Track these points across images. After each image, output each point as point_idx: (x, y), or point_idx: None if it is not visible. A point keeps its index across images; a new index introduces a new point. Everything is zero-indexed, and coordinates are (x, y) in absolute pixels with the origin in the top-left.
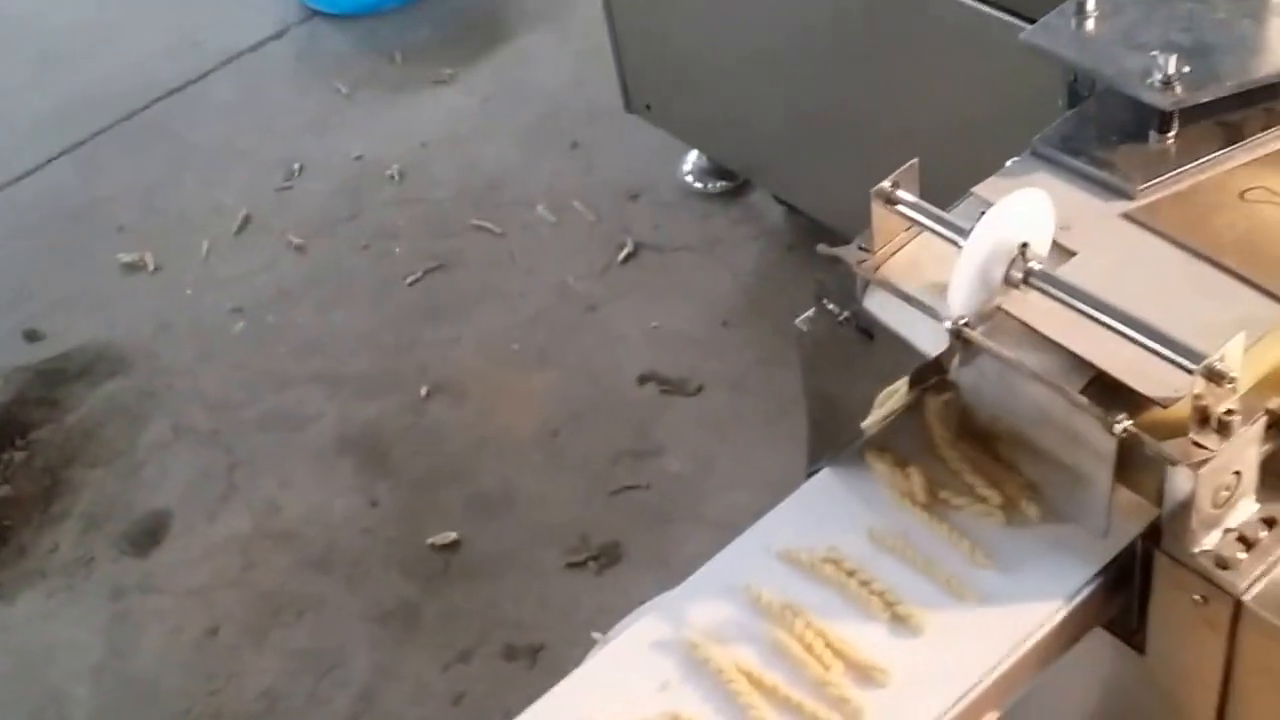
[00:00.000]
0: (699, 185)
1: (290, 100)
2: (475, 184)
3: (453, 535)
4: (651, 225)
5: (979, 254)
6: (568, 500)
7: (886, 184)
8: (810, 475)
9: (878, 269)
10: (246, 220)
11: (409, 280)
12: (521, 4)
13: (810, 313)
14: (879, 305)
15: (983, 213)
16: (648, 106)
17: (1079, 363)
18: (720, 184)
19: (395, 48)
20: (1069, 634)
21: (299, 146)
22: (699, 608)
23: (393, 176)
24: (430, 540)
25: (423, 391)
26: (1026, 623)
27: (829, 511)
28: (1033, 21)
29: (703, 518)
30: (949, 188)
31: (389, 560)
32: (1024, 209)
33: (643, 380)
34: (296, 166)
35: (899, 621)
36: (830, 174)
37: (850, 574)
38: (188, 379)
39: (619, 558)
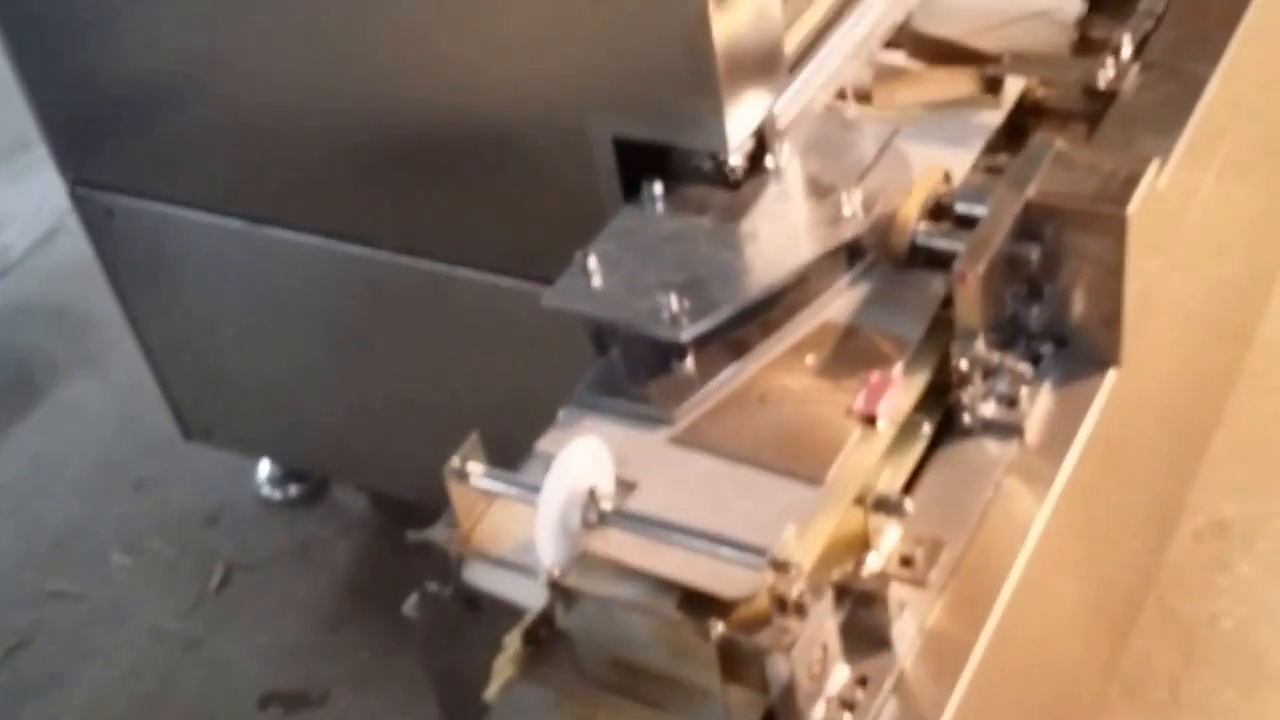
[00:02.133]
0: (277, 494)
1: None
2: (40, 547)
3: None
4: (238, 545)
5: (553, 508)
6: None
7: (455, 461)
8: None
9: (467, 541)
10: None
11: None
12: (51, 358)
13: (415, 598)
14: (478, 575)
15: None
16: (207, 430)
17: (668, 583)
18: (298, 488)
19: None
20: None
21: None
22: None
23: None
24: None
25: None
26: None
27: None
28: (550, 283)
29: None
30: (521, 445)
31: None
32: (582, 458)
33: (264, 703)
34: None
35: None
36: (404, 454)
37: None
38: None
39: None
